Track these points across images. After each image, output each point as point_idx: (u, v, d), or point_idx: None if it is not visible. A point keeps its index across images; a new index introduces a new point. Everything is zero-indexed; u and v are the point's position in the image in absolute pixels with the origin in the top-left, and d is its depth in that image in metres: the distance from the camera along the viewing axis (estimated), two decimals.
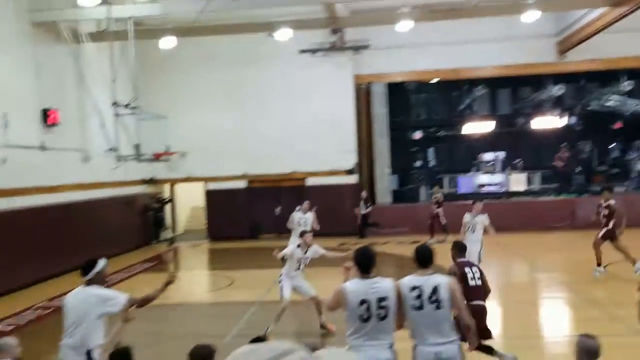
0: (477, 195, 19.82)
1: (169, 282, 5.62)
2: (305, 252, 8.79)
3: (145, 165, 17.50)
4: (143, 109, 15.07)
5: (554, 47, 19.24)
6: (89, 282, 5.37)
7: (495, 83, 23.12)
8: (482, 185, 21.24)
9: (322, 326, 8.70)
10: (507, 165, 22.14)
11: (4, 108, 12.81)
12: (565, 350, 6.45)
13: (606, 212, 11.25)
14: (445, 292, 4.60)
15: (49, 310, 10.97)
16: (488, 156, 22.70)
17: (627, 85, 20.92)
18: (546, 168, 22.42)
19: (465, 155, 24.19)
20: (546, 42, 19.18)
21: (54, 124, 14.52)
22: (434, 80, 22.48)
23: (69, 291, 5.43)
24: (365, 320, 4.56)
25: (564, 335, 8.28)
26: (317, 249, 8.90)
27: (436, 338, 4.59)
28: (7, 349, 5.07)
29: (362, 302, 4.57)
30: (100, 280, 5.44)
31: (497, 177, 21.45)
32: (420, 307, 4.60)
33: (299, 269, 8.85)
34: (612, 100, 22.22)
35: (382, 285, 4.67)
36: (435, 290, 4.59)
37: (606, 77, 22.18)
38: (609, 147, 23.81)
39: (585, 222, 17.82)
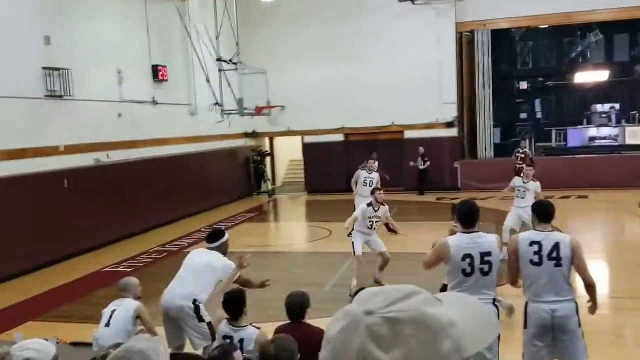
0: (587, 149, 18.82)
1: (263, 285, 5.91)
2: (377, 210, 8.42)
3: (247, 119, 18.04)
4: (245, 64, 15.44)
5: None
6: (212, 250, 5.84)
7: (611, 28, 21.35)
8: (593, 139, 20.03)
9: (377, 282, 8.44)
10: (622, 118, 20.67)
11: (119, 64, 13.63)
12: None
13: None
14: (567, 249, 4.38)
15: (163, 254, 11.83)
16: (601, 107, 21.32)
17: None
18: None
19: (576, 107, 22.80)
20: None
21: (163, 80, 15.29)
22: (543, 26, 21.20)
23: (179, 238, 5.88)
24: (468, 274, 4.50)
25: None
26: (386, 211, 8.53)
27: (552, 296, 4.40)
28: (129, 288, 5.59)
29: (465, 256, 4.51)
30: (223, 250, 5.87)
31: (611, 130, 20.12)
32: (539, 263, 4.41)
33: (371, 227, 8.50)
34: None
35: (486, 239, 4.58)
36: (555, 246, 4.40)
37: None
38: None
39: None
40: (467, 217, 4.66)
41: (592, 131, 20.23)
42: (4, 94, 10.36)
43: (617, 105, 21.20)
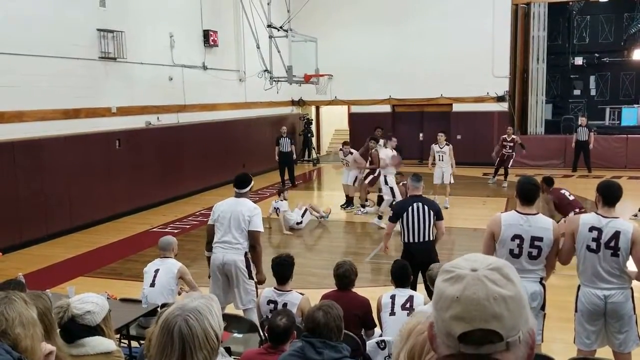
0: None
1: (259, 282, 5.80)
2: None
3: (295, 87, 18.02)
4: (295, 31, 15.34)
5: None
6: (241, 195, 5.84)
7: None
8: None
9: None
10: None
11: (171, 29, 13.77)
12: None
13: None
14: (627, 240, 4.19)
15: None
16: None
17: None
18: None
19: (632, 85, 21.95)
20: None
21: (214, 45, 15.39)
22: (603, 0, 20.31)
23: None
24: (516, 256, 4.41)
25: None
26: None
27: (606, 283, 4.28)
28: (170, 247, 5.74)
29: (515, 236, 4.40)
30: (248, 195, 5.90)
31: None
32: (596, 250, 4.26)
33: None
34: None
35: (540, 224, 4.44)
36: (615, 235, 4.21)
37: None
38: None
39: None
40: (524, 196, 4.51)
41: None
42: (59, 54, 10.61)
43: None
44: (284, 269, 4.89)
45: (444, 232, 6.28)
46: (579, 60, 21.93)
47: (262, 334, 4.63)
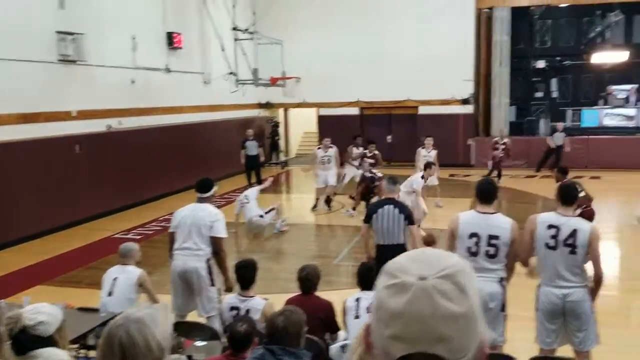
0: (602, 130, 18.58)
1: (228, 289, 5.63)
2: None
3: (262, 89, 17.94)
4: (261, 34, 15.27)
5: None
6: (203, 200, 5.73)
7: (632, 8, 20.83)
8: (608, 120, 19.80)
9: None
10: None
11: (133, 31, 13.52)
12: None
13: None
14: (584, 238, 4.25)
15: None
16: (619, 89, 21.03)
17: None
18: None
19: (592, 88, 22.49)
20: None
21: (177, 48, 15.17)
22: (563, 5, 20.75)
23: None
24: (473, 254, 4.45)
25: None
26: None
27: (564, 281, 4.33)
28: (131, 254, 5.58)
29: (472, 235, 4.45)
30: (211, 200, 5.79)
31: (627, 112, 19.87)
32: (554, 247, 4.31)
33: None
34: None
35: (498, 222, 4.48)
36: (573, 233, 4.27)
37: None
38: None
39: None
40: (482, 196, 4.59)
41: (608, 112, 19.99)
42: (18, 57, 10.31)
43: (634, 87, 20.91)
44: (246, 273, 4.81)
45: (418, 237, 6.25)
46: (541, 64, 22.38)
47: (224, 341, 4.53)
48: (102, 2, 12.54)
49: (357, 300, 4.62)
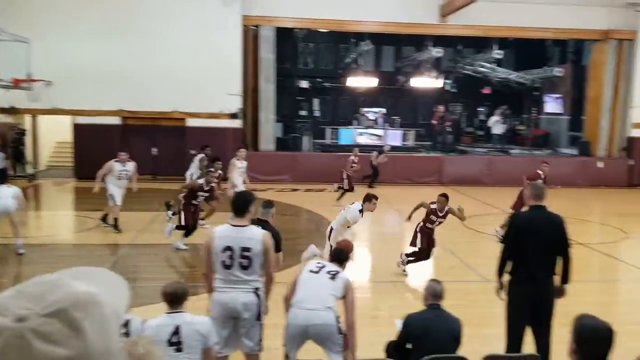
0: (356, 147, 20.21)
1: None
2: None
3: (3, 92, 15.77)
4: (2, 29, 13.40)
5: (437, 10, 19.64)
6: None
7: (380, 39, 23.24)
8: (361, 139, 21.81)
9: None
10: (386, 122, 23.05)
11: None
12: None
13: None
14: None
15: None
16: (369, 111, 23.45)
17: (497, 53, 21.66)
18: (421, 126, 23.77)
19: (348, 109, 24.64)
20: (430, 3, 19.55)
21: None
22: (323, 30, 22.25)
23: None
24: (228, 267, 4.49)
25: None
26: None
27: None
28: None
29: (227, 248, 4.48)
30: None
31: (377, 132, 22.13)
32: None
33: None
34: (484, 67, 23.34)
35: (249, 234, 4.54)
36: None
37: (480, 44, 22.73)
38: (478, 110, 25.48)
39: (450, 178, 19.06)
40: (235, 208, 4.64)
41: (361, 132, 22.05)
42: None
43: (382, 110, 23.47)
44: None
45: (276, 264, 5.64)
46: (304, 84, 23.76)
47: None
48: None
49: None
